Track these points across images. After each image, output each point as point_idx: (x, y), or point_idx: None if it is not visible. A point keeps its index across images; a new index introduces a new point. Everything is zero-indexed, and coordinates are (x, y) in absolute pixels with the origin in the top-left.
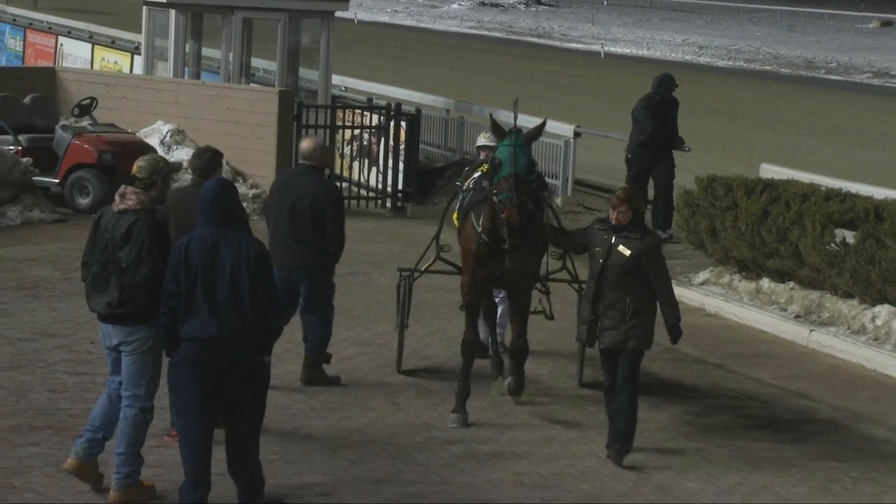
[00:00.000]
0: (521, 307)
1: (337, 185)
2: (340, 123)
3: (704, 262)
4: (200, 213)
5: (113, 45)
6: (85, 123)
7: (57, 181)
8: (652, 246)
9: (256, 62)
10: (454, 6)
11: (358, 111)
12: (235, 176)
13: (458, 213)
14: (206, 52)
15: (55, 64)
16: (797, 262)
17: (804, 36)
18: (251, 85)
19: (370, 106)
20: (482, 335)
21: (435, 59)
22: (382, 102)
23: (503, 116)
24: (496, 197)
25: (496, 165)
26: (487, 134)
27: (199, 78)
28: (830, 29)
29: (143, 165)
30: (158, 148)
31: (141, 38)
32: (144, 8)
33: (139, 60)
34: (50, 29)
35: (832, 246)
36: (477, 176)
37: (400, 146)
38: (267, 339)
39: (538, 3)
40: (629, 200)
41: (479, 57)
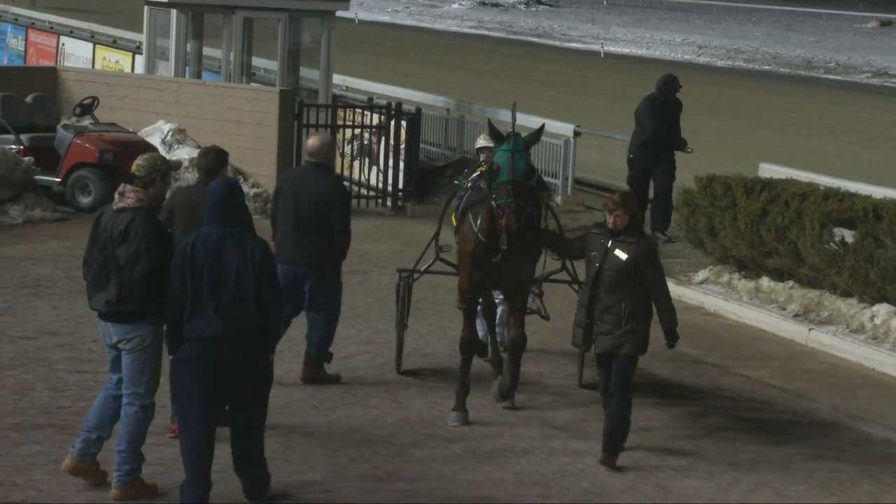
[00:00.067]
0: (518, 306)
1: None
2: (341, 123)
3: (704, 260)
4: (207, 212)
5: (114, 44)
6: (86, 123)
7: (58, 180)
8: (648, 250)
9: (257, 62)
10: (454, 6)
11: (358, 110)
12: (236, 175)
13: (455, 212)
14: (207, 51)
15: (57, 63)
16: (796, 260)
17: (803, 36)
18: (252, 84)
19: (371, 105)
20: (480, 334)
21: (435, 58)
22: (383, 102)
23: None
24: (495, 202)
25: (494, 171)
26: (487, 136)
27: (200, 77)
28: (829, 29)
29: (141, 164)
30: (160, 147)
31: (142, 37)
32: (146, 8)
33: (140, 60)
34: (52, 28)
35: (831, 245)
36: (475, 176)
37: (400, 145)
38: (271, 338)
39: (538, 2)
40: (625, 205)
41: (479, 57)
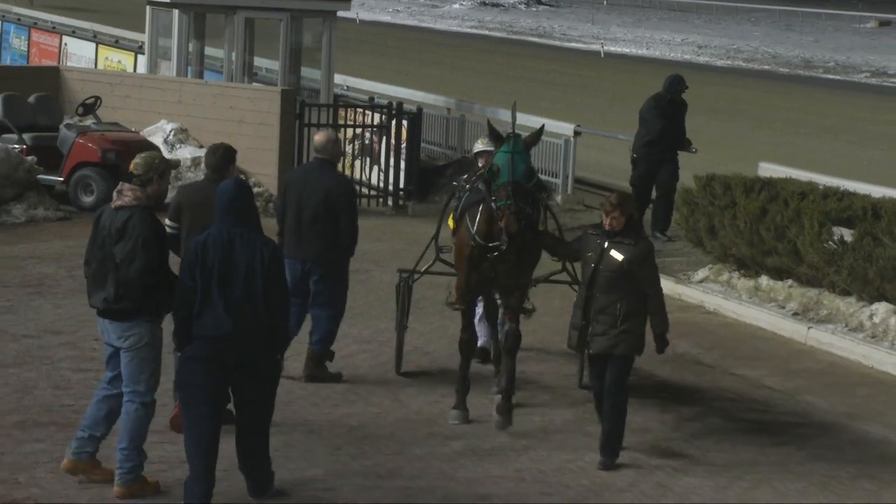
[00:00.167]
0: (515, 306)
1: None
2: (342, 122)
3: (703, 259)
4: (218, 211)
5: (117, 44)
6: (89, 122)
7: (61, 179)
8: (644, 252)
9: (259, 61)
10: (455, 6)
11: (360, 110)
12: (239, 174)
13: (454, 214)
14: (208, 51)
15: (59, 63)
16: (795, 259)
17: (802, 35)
18: (254, 84)
19: (372, 105)
20: (482, 341)
21: (436, 58)
22: (384, 101)
23: (503, 116)
24: (494, 204)
25: (494, 172)
26: (485, 140)
27: (202, 77)
28: (828, 29)
29: (139, 162)
30: (162, 147)
31: (144, 37)
32: (148, 8)
33: (143, 60)
34: (54, 28)
35: (830, 244)
36: (474, 179)
37: (401, 145)
38: (278, 337)
39: (538, 3)
40: (622, 206)
41: (480, 56)
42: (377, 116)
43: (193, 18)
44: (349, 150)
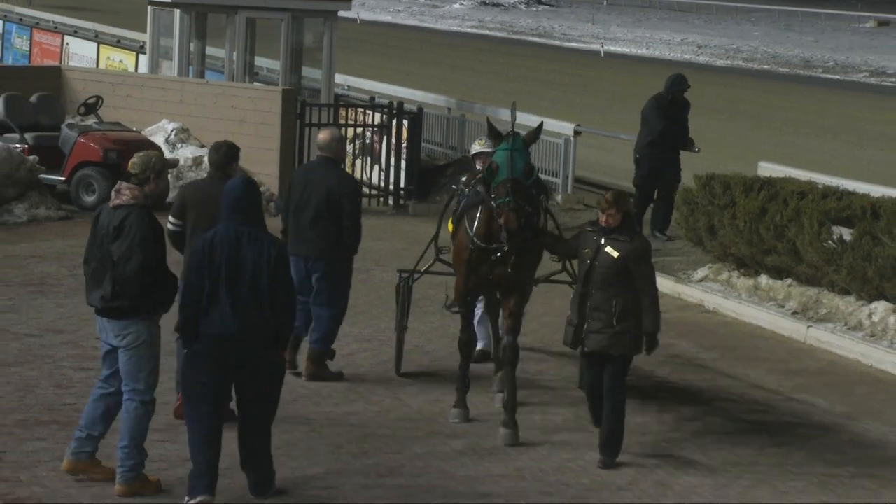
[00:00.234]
0: (514, 310)
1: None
2: (343, 122)
3: (703, 258)
4: (225, 209)
5: (118, 44)
6: (91, 122)
7: (63, 179)
8: (640, 249)
9: (260, 61)
10: (456, 6)
11: (360, 110)
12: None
13: (453, 217)
14: (210, 51)
15: (61, 63)
16: (795, 258)
17: (802, 35)
18: (255, 84)
19: (373, 104)
20: (482, 344)
21: (437, 58)
22: (385, 101)
23: (504, 116)
24: (494, 201)
25: (493, 170)
26: (482, 140)
27: (203, 77)
28: (828, 28)
29: (136, 162)
30: (163, 146)
31: (146, 37)
32: (149, 7)
33: (144, 59)
34: (56, 28)
35: (829, 243)
36: (474, 182)
37: (402, 144)
38: (284, 336)
39: (539, 2)
40: (618, 203)
41: (480, 56)
42: (378, 116)
43: (195, 18)
44: (350, 149)
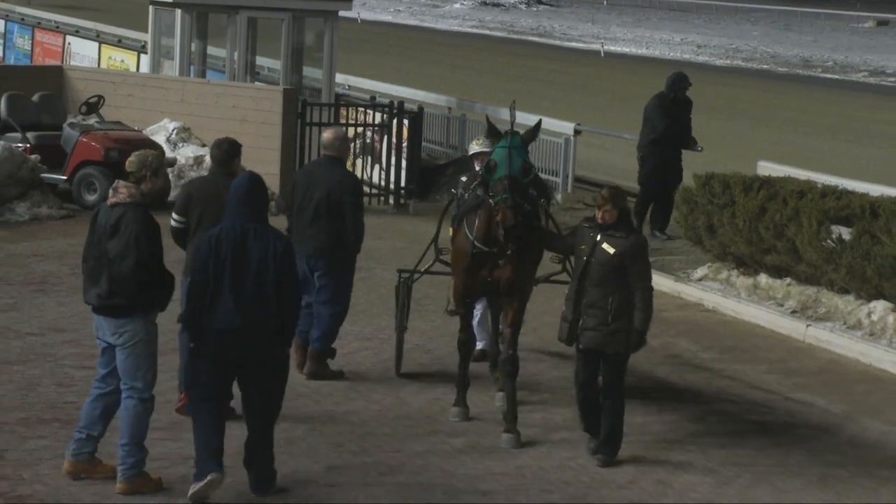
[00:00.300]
0: (515, 319)
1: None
2: (344, 121)
3: (702, 258)
4: (232, 205)
5: (119, 43)
6: (92, 121)
7: (65, 178)
8: (636, 246)
9: (261, 61)
10: (456, 6)
11: (361, 109)
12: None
13: (452, 219)
14: (211, 50)
15: (63, 62)
16: (794, 258)
17: (801, 35)
18: (256, 83)
19: (373, 104)
20: (481, 344)
21: (437, 57)
22: (385, 101)
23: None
24: (492, 199)
25: (491, 167)
26: (480, 140)
27: (204, 76)
28: (827, 28)
29: (132, 160)
30: (165, 145)
31: (147, 37)
32: (150, 7)
33: (145, 59)
34: (57, 28)
35: (828, 242)
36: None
37: (402, 144)
38: (290, 332)
39: (539, 2)
40: (614, 199)
41: (480, 56)
42: (378, 115)
43: (196, 18)
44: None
